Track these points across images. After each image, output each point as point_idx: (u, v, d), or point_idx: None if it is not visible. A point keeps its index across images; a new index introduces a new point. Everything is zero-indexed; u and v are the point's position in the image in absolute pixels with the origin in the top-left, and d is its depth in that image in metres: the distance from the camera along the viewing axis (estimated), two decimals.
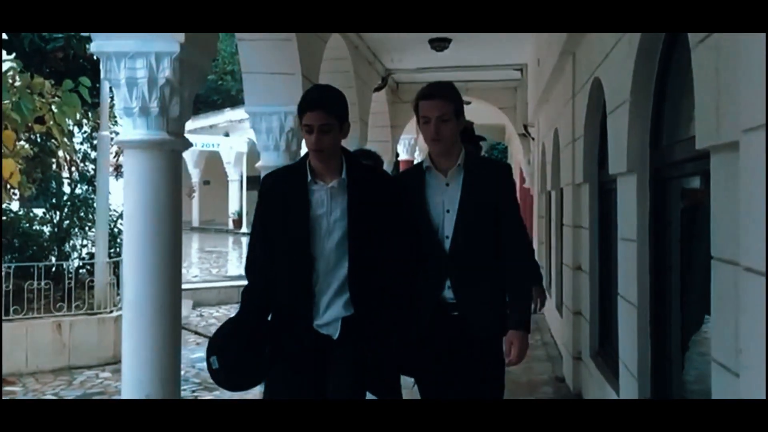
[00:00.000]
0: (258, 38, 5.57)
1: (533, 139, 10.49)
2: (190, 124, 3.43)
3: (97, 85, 8.44)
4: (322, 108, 2.57)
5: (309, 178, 2.66)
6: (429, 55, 8.33)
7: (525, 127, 10.83)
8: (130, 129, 3.74)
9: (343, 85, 7.61)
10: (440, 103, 2.78)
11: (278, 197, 2.71)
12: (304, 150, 4.47)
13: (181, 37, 3.60)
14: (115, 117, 8.70)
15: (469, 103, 11.94)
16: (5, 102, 8.31)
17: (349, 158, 2.73)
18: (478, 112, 12.51)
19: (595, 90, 4.72)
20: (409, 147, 14.63)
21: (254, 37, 5.59)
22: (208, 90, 29.57)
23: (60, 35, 8.16)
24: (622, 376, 3.83)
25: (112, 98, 7.64)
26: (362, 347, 2.59)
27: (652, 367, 3.42)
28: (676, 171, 3.17)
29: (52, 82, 8.40)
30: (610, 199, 4.63)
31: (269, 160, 5.60)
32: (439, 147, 2.82)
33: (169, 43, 3.61)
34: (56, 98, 8.34)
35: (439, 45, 7.94)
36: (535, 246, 10.90)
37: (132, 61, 3.63)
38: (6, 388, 6.88)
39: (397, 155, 13.39)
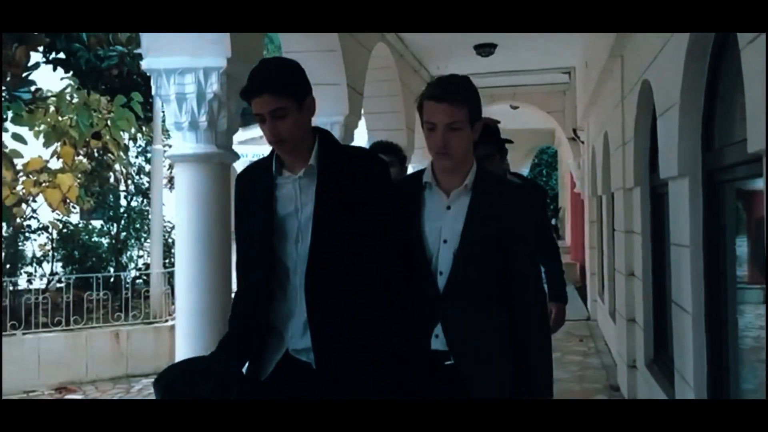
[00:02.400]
0: (303, 50, 5.65)
1: (583, 142, 10.33)
2: (240, 135, 3.51)
3: (150, 101, 8.68)
4: (268, 91, 2.07)
5: (274, 168, 2.18)
6: (475, 61, 8.28)
7: (574, 130, 10.68)
8: (180, 143, 3.84)
9: (389, 93, 7.66)
10: (450, 109, 2.16)
11: (243, 197, 2.27)
12: None
13: (228, 52, 3.68)
14: (167, 131, 8.94)
15: (516, 107, 11.89)
16: (64, 118, 8.62)
17: (324, 140, 2.21)
18: (527, 117, 12.43)
19: (644, 92, 4.63)
20: None
21: (300, 49, 5.67)
22: None
23: (114, 53, 8.43)
24: (678, 385, 3.73)
25: (164, 113, 7.86)
26: (348, 381, 2.07)
27: (709, 376, 3.32)
28: (729, 174, 3.08)
29: (108, 99, 8.68)
30: (662, 203, 4.53)
31: None
32: (446, 162, 2.24)
33: (217, 58, 3.69)
34: (111, 114, 8.61)
35: (485, 50, 7.90)
36: (586, 252, 10.72)
37: (181, 77, 3.73)
38: (67, 396, 7.11)
39: None
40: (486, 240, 2.21)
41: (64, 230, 9.46)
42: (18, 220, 9.04)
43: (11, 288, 8.25)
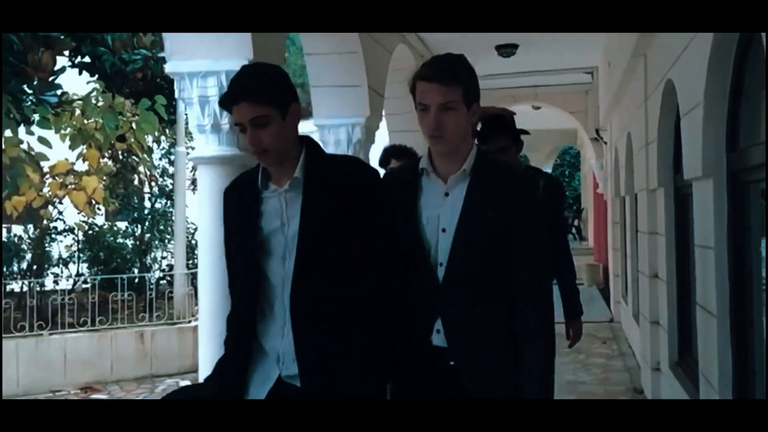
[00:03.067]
0: (324, 52, 5.67)
1: (606, 143, 10.24)
2: None
3: (174, 103, 8.78)
4: (247, 98, 1.95)
5: (260, 181, 2.05)
6: (496, 61, 8.26)
7: (597, 131, 10.60)
8: (202, 145, 3.87)
9: (409, 94, 7.65)
10: (442, 88, 2.04)
11: (230, 213, 2.14)
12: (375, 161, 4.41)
13: (249, 54, 3.71)
14: (191, 133, 9.04)
15: (538, 108, 11.82)
16: (89, 121, 8.75)
17: (311, 150, 2.07)
18: (549, 117, 12.35)
19: (668, 92, 4.58)
20: None
21: (321, 51, 5.70)
22: None
23: (138, 57, 8.54)
24: (703, 389, 3.69)
25: (187, 115, 7.94)
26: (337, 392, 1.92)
27: (734, 380, 3.28)
28: (754, 175, 3.04)
29: (132, 102, 8.78)
30: (686, 204, 4.48)
31: None
32: (440, 145, 2.09)
33: (239, 61, 3.71)
34: (136, 116, 8.71)
35: (506, 51, 7.86)
36: (609, 253, 10.63)
37: (203, 80, 3.77)
38: (92, 396, 7.21)
39: None
40: (487, 228, 2.06)
41: (90, 232, 9.60)
42: (45, 221, 9.19)
43: (38, 289, 8.39)
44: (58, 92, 8.38)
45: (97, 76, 8.98)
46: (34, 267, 9.20)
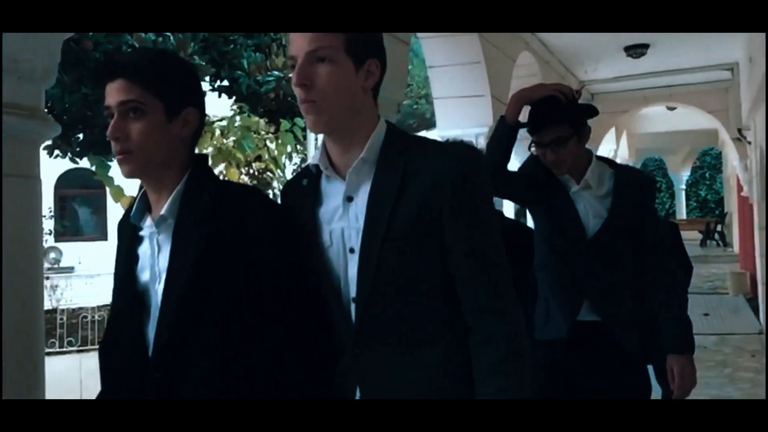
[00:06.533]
0: (447, 63, 5.75)
1: (750, 142, 9.59)
2: None
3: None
4: (125, 74, 1.40)
5: (134, 211, 1.50)
6: (625, 63, 8.00)
7: (739, 130, 9.95)
8: None
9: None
10: (314, 34, 1.37)
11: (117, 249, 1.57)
12: None
13: None
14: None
15: (674, 108, 11.28)
16: (228, 141, 9.35)
17: (196, 174, 1.47)
18: (685, 118, 11.77)
19: None
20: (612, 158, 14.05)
21: (444, 63, 5.78)
22: (405, 114, 30.56)
23: (272, 78, 9.02)
24: None
25: None
26: None
27: None
28: None
29: (266, 120, 9.31)
30: None
31: None
32: (312, 115, 1.40)
33: None
34: (269, 134, 9.22)
35: (636, 52, 7.59)
36: (757, 260, 9.91)
37: None
38: None
39: None
40: (400, 240, 1.37)
41: None
42: None
43: None
44: None
45: (234, 98, 9.58)
46: None
